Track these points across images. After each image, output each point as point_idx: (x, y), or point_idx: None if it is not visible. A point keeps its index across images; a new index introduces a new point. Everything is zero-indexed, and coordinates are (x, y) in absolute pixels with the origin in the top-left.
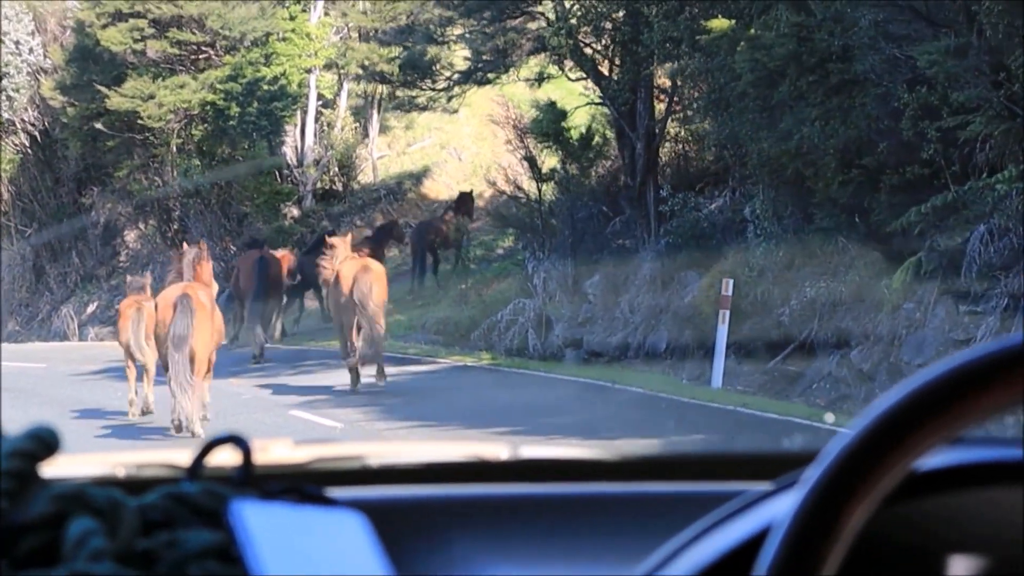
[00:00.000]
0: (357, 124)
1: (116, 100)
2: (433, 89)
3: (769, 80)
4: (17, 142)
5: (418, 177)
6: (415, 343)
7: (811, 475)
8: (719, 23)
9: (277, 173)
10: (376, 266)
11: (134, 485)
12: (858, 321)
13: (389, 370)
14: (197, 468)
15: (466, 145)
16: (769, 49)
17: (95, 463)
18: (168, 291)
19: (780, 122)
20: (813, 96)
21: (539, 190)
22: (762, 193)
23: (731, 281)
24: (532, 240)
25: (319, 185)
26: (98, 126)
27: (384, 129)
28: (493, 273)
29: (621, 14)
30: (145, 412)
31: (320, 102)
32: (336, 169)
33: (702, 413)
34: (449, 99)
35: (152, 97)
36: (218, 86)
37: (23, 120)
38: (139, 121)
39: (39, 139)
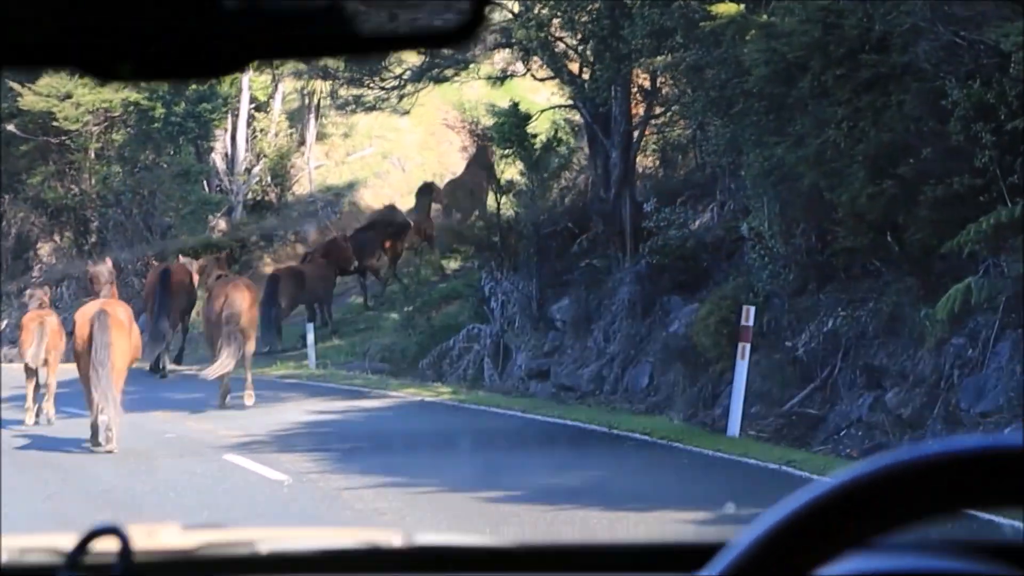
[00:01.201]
0: (293, 130)
1: (30, 99)
2: (382, 87)
3: (786, 74)
4: None
5: (356, 188)
6: (358, 372)
7: None
8: (726, 7)
9: (205, 181)
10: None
11: (14, 573)
12: (893, 358)
13: (335, 404)
14: (76, 558)
15: (410, 155)
16: (788, 38)
17: None
18: (86, 307)
19: (794, 124)
20: (840, 93)
21: (497, 203)
22: (766, 207)
23: (752, 309)
24: (489, 259)
25: (250, 195)
26: (10, 128)
27: (321, 136)
28: (440, 295)
29: (598, 4)
30: (47, 423)
31: (253, 105)
32: (269, 178)
33: (738, 471)
34: (400, 99)
35: (69, 96)
36: (143, 84)
37: None
38: (55, 123)
39: None
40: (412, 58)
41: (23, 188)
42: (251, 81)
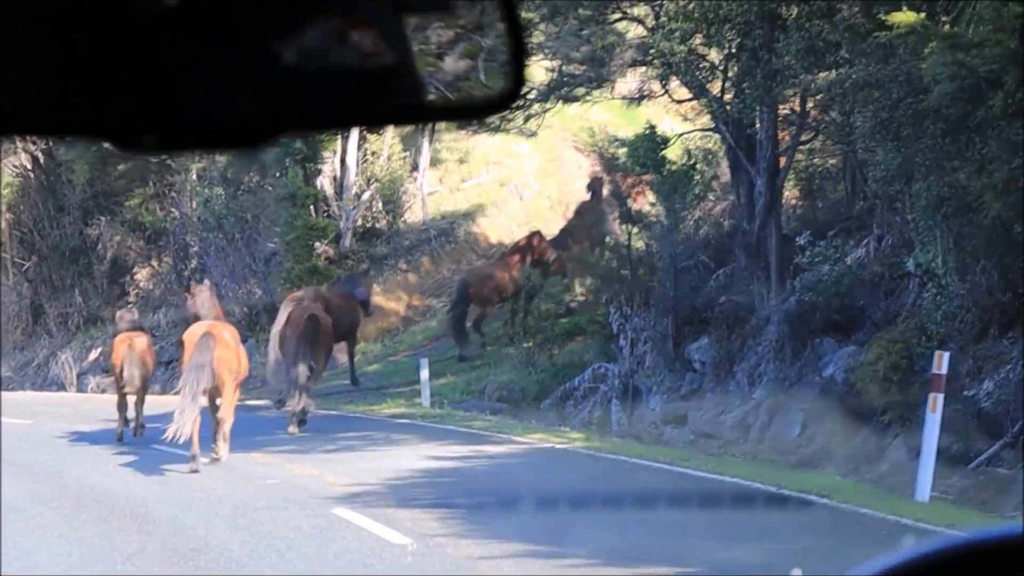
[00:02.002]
0: (406, 154)
1: None
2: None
3: (974, 91)
4: (17, 163)
5: (473, 217)
6: (476, 412)
7: None
8: (904, 16)
9: (312, 206)
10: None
11: None
12: None
13: (455, 449)
14: None
15: (528, 182)
16: (977, 49)
17: None
18: (193, 329)
19: (977, 147)
20: None
21: (628, 233)
22: (939, 241)
23: (946, 356)
24: (618, 292)
25: (360, 222)
26: (107, 145)
27: (435, 162)
28: (562, 330)
29: (749, 15)
30: (137, 432)
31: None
32: (380, 204)
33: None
34: (526, 119)
35: None
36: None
37: (24, 139)
38: None
39: (41, 161)
40: (539, 76)
41: (120, 210)
42: None
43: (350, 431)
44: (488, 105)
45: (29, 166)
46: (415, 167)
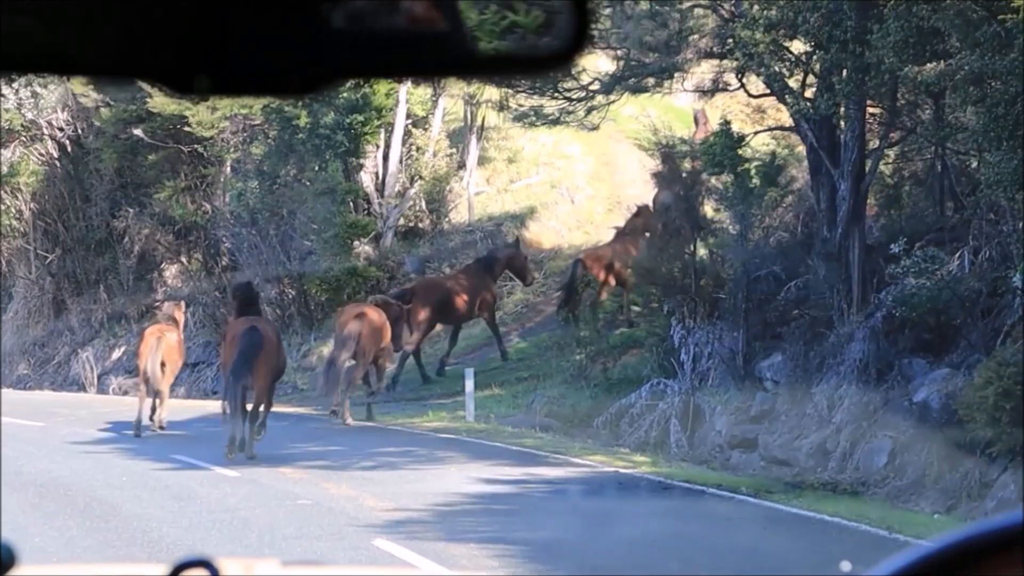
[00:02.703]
0: (453, 151)
1: (160, 100)
2: (567, 98)
3: None
4: (43, 151)
5: (522, 219)
6: (525, 428)
7: None
8: None
9: (352, 202)
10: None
11: None
12: None
13: (507, 471)
14: None
15: (580, 186)
16: None
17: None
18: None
19: None
20: None
21: (694, 239)
22: None
23: None
24: (682, 303)
25: (402, 221)
26: (137, 132)
27: (483, 161)
28: (617, 342)
29: (843, 4)
30: (160, 428)
31: (409, 120)
32: (423, 203)
33: None
34: (588, 111)
35: (204, 99)
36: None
37: (50, 124)
38: (187, 128)
39: (68, 148)
40: (605, 65)
41: (149, 203)
42: (409, 93)
43: (389, 446)
44: (552, 57)
45: (56, 154)
46: (462, 165)
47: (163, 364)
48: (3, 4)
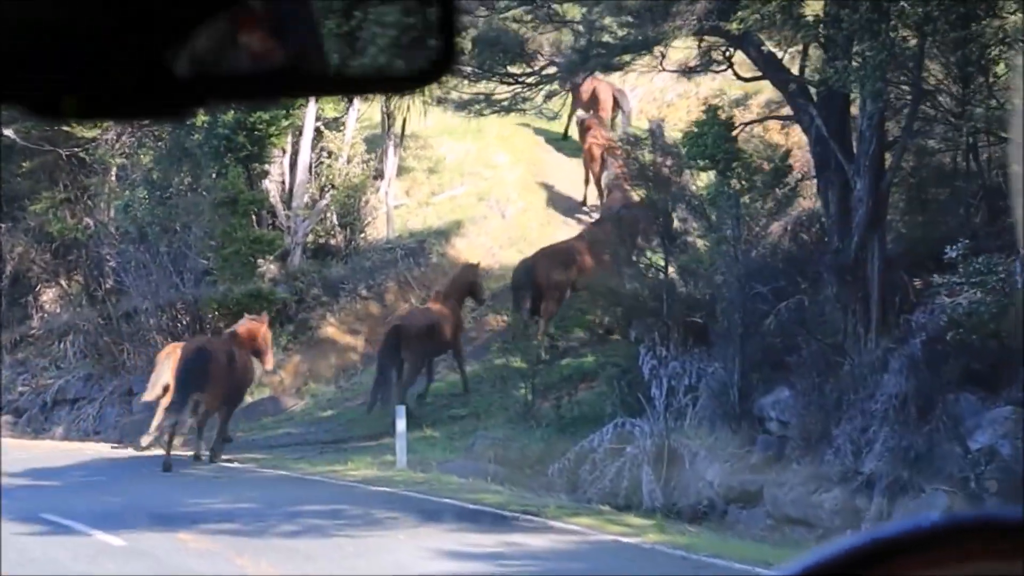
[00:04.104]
0: (370, 157)
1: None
2: (520, 82)
3: None
4: None
5: (447, 236)
6: (473, 478)
7: None
8: None
9: (256, 215)
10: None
11: None
12: None
13: (476, 539)
14: None
15: (510, 197)
16: None
17: None
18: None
19: None
20: None
21: (665, 251)
22: None
23: None
24: (651, 328)
25: (312, 237)
26: (8, 134)
27: (401, 171)
28: (566, 374)
29: None
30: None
31: (319, 122)
32: (335, 217)
33: None
34: (548, 97)
35: None
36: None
37: None
38: (66, 129)
39: None
40: (566, 40)
41: (23, 216)
42: None
43: (312, 502)
44: (418, 75)
45: None
46: (378, 175)
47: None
48: None
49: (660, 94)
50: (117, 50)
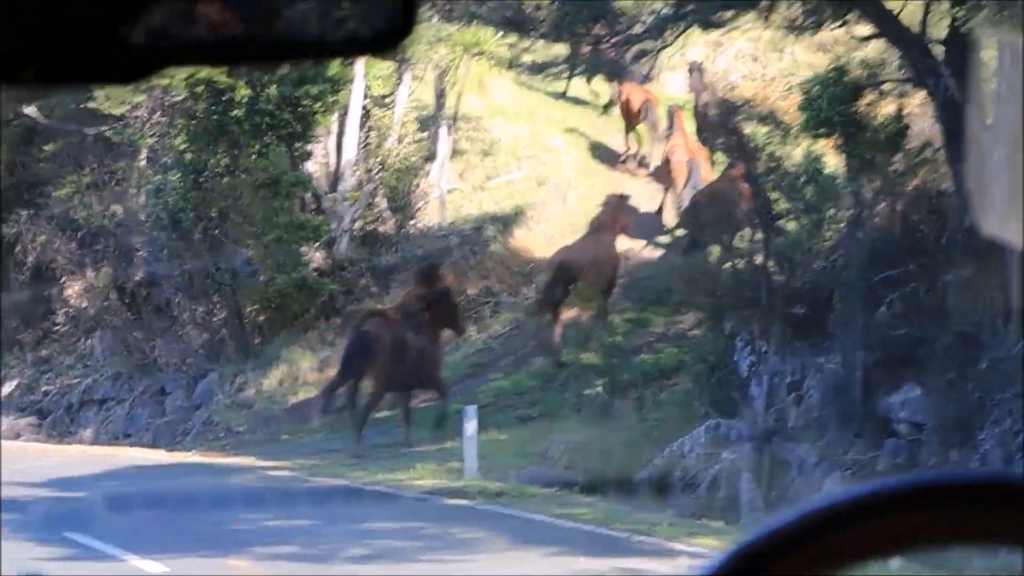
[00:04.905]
0: (424, 135)
1: None
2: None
3: None
4: None
5: (505, 222)
6: (557, 490)
7: None
8: None
9: (300, 199)
10: None
11: None
12: None
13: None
14: None
15: (570, 182)
16: None
17: None
18: None
19: None
20: None
21: (766, 234)
22: None
23: None
24: (750, 319)
25: (358, 223)
26: (29, 111)
27: (453, 154)
28: (647, 369)
29: None
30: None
31: (367, 100)
32: (384, 202)
33: None
34: (636, 59)
35: None
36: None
37: None
38: (92, 105)
39: None
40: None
41: (47, 203)
42: (368, 65)
43: (379, 518)
44: (378, 40)
45: None
46: (430, 157)
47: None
48: None
49: (723, 75)
50: (73, 25)
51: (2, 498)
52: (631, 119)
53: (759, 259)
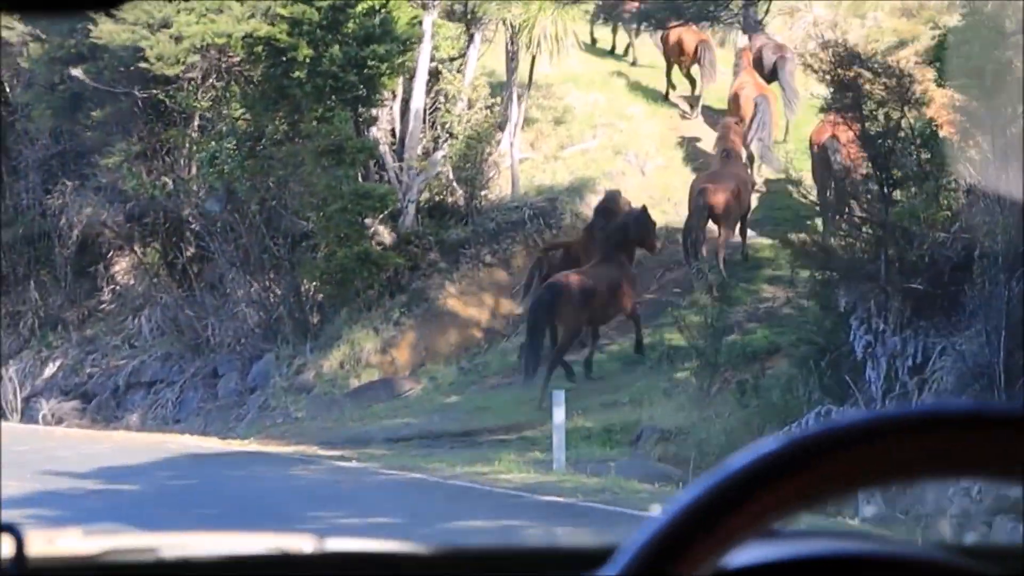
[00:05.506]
0: (495, 101)
1: (107, 29)
2: None
3: None
4: None
5: (580, 193)
6: (665, 485)
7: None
8: None
9: (363, 167)
10: None
11: None
12: None
13: None
14: None
15: (648, 152)
16: None
17: None
18: None
19: None
20: None
21: (886, 204)
22: None
23: None
24: (868, 295)
25: (425, 194)
26: (77, 74)
27: (525, 122)
28: (743, 350)
29: None
30: None
31: (434, 63)
32: (451, 172)
33: None
34: (746, 5)
35: (167, 26)
36: (280, 10)
37: None
38: (143, 64)
39: None
40: None
41: (93, 173)
42: (436, 26)
43: (471, 517)
44: None
45: None
46: (500, 125)
47: None
48: None
49: (801, 43)
50: None
51: (49, 490)
52: (681, 61)
53: (875, 230)
